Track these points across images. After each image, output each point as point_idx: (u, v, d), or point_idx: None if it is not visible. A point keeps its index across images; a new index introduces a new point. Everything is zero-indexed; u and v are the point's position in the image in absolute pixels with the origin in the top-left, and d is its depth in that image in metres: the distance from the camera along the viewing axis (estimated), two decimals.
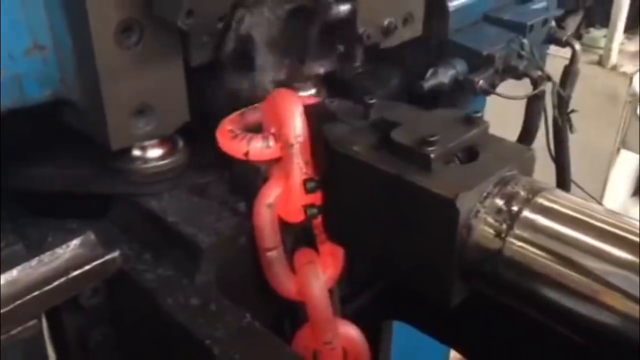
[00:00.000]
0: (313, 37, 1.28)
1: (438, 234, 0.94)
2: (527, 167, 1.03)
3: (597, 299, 0.83)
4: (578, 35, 3.78)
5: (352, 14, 1.27)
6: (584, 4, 3.78)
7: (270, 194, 1.14)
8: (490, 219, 0.92)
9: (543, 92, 1.62)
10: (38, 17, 0.90)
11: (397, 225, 1.00)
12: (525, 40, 1.61)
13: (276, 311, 1.31)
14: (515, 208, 0.92)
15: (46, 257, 0.95)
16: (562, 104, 1.76)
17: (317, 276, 1.23)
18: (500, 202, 0.93)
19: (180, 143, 1.15)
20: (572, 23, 3.84)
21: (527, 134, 1.71)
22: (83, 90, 0.96)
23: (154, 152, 1.10)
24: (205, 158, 1.18)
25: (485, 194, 0.93)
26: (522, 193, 0.94)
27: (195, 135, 1.18)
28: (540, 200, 0.93)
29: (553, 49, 1.93)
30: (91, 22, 0.87)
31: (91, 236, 0.99)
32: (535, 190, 0.94)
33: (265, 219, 1.14)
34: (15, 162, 1.10)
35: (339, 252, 1.27)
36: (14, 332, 0.89)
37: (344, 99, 1.24)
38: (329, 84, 1.40)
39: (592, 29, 3.73)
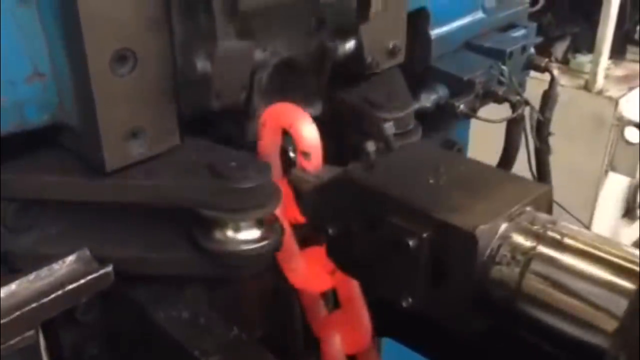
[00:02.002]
0: (323, 81, 1.34)
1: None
2: (544, 204, 1.04)
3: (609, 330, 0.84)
4: (565, 61, 3.87)
5: (358, 47, 1.33)
6: (571, 30, 3.89)
7: None
8: (507, 254, 0.94)
9: (522, 116, 1.69)
10: (38, 46, 0.96)
11: None
12: (504, 67, 1.68)
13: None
14: (530, 244, 0.94)
15: (43, 271, 1.01)
16: (541, 127, 1.83)
17: None
18: (516, 237, 0.95)
19: None
20: (560, 48, 3.94)
21: (507, 156, 1.78)
22: (80, 115, 1.02)
23: None
24: None
25: (501, 229, 0.96)
26: (536, 228, 0.96)
27: None
28: (554, 234, 0.94)
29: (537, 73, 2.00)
30: (88, 51, 0.94)
31: (86, 252, 1.05)
32: (548, 226, 0.96)
33: None
34: None
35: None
36: (12, 342, 0.94)
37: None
38: None
39: (578, 55, 3.82)
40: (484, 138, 1.96)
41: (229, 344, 1.13)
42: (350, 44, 1.31)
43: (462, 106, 1.57)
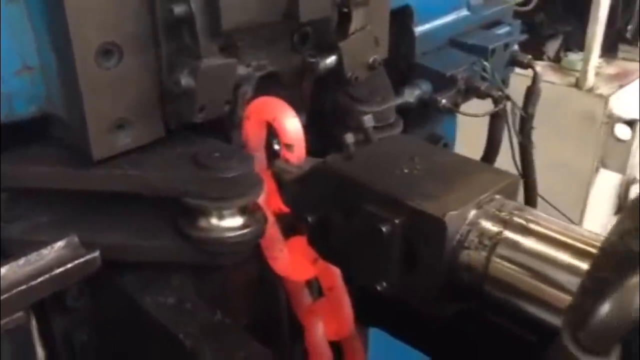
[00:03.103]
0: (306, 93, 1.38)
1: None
2: (512, 192, 1.08)
3: None
4: (557, 59, 3.91)
5: (338, 63, 1.34)
6: (563, 29, 3.93)
7: None
8: (475, 239, 0.98)
9: (504, 110, 1.73)
10: (27, 41, 1.00)
11: None
12: (486, 63, 1.73)
13: None
14: (497, 229, 0.98)
15: (33, 256, 1.05)
16: (524, 121, 1.87)
17: None
18: (484, 223, 0.99)
19: None
20: (552, 47, 3.98)
21: (490, 149, 1.82)
22: (67, 107, 1.06)
23: None
24: None
25: (470, 216, 1.00)
26: (503, 215, 1.00)
27: None
28: (520, 220, 0.98)
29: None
30: (74, 45, 0.98)
31: (75, 238, 1.09)
32: (514, 212, 1.00)
33: None
34: None
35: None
36: (3, 322, 0.98)
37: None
38: None
39: (570, 53, 3.86)
40: (471, 133, 2.00)
41: (213, 327, 1.17)
42: (331, 59, 1.33)
43: (444, 101, 1.62)
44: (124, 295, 1.25)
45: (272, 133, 1.29)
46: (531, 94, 1.87)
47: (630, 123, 3.55)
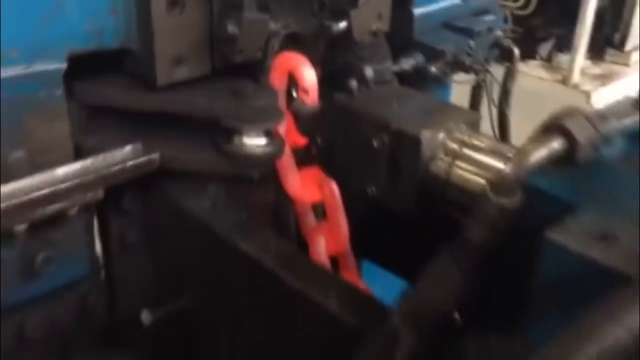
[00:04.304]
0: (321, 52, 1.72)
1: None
2: (474, 125, 1.44)
3: None
4: (549, 59, 4.25)
5: (348, 27, 1.67)
6: (556, 32, 4.27)
7: None
8: (441, 154, 1.33)
9: (483, 81, 2.07)
10: None
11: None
12: (471, 42, 2.07)
13: None
14: (457, 147, 1.33)
15: (109, 154, 1.39)
16: (504, 95, 2.21)
17: None
18: (449, 143, 1.34)
19: None
20: (545, 48, 4.32)
21: None
22: (141, 43, 1.40)
23: None
24: None
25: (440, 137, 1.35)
26: (464, 137, 1.35)
27: None
28: (473, 141, 1.34)
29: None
30: None
31: (139, 145, 1.44)
32: (469, 135, 1.36)
33: None
34: None
35: None
36: (89, 194, 1.33)
37: None
38: None
39: (560, 54, 4.20)
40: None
41: (243, 224, 1.52)
42: (343, 24, 1.67)
43: (433, 69, 1.95)
44: (169, 199, 1.59)
45: (292, 82, 1.64)
46: (510, 72, 2.21)
47: None
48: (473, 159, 1.29)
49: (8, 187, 1.26)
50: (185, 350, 1.66)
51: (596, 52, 4.14)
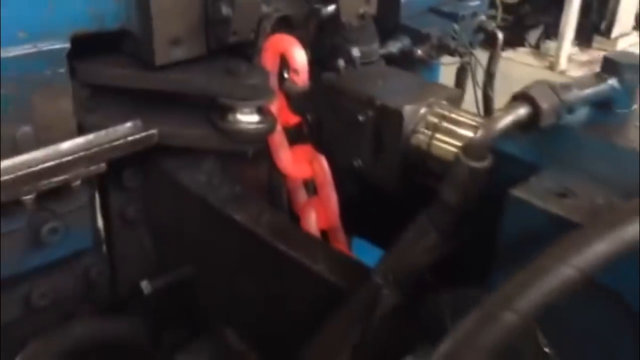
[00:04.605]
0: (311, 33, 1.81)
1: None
2: (455, 101, 1.52)
3: None
4: (537, 46, 4.35)
5: (337, 10, 1.74)
6: (545, 20, 4.36)
7: None
8: (422, 128, 1.42)
9: (468, 64, 2.16)
10: None
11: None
12: (456, 26, 2.16)
13: None
14: (437, 121, 1.41)
15: (110, 130, 1.48)
16: (488, 78, 2.30)
17: None
18: (430, 117, 1.42)
19: None
20: (534, 35, 4.40)
21: None
22: (140, 25, 1.49)
23: None
24: None
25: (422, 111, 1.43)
26: (444, 112, 1.42)
27: None
28: (453, 115, 1.42)
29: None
30: None
31: (139, 122, 1.52)
32: (449, 110, 1.44)
33: None
34: None
35: None
36: (92, 168, 1.41)
37: None
38: None
39: (548, 41, 4.30)
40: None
41: (237, 196, 1.61)
42: (332, 7, 1.75)
43: (419, 52, 2.04)
44: (167, 175, 1.68)
45: (284, 64, 1.72)
46: (493, 56, 2.29)
47: None
48: (452, 132, 1.37)
49: (16, 160, 1.35)
50: (184, 316, 1.76)
51: (583, 39, 4.23)
